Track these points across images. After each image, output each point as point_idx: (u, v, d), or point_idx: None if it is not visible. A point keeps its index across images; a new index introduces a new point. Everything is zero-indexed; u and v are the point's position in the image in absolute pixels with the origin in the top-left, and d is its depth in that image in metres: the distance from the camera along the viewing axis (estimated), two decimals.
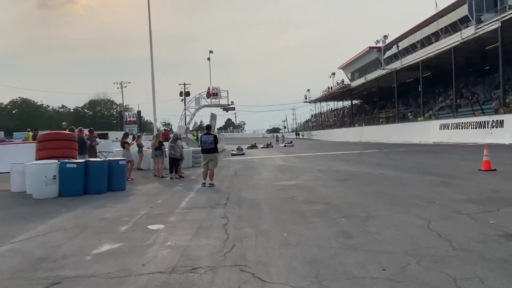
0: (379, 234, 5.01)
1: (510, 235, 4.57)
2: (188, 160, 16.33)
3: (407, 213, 6.18)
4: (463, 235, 4.70)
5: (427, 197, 7.49)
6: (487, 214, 5.76)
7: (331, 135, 60.21)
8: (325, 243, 4.69)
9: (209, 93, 26.21)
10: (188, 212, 7.14)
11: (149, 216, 6.82)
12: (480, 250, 4.11)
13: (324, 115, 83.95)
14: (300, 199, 8.03)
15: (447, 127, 31.57)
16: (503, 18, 25.93)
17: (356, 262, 3.99)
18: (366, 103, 66.25)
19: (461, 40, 31.18)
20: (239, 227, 5.72)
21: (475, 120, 28.26)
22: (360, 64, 57.22)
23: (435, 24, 36.56)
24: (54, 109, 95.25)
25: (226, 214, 6.73)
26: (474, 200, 6.86)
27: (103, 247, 4.99)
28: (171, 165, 12.63)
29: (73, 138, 10.97)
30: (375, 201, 7.31)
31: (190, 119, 26.61)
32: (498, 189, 7.85)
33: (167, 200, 8.61)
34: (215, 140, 10.53)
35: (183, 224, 6.16)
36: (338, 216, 6.18)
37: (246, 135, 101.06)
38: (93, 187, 9.43)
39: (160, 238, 5.33)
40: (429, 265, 3.77)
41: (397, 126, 41.09)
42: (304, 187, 9.83)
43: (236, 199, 8.45)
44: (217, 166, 10.91)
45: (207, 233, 5.45)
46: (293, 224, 5.77)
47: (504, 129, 24.74)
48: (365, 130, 48.95)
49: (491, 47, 30.75)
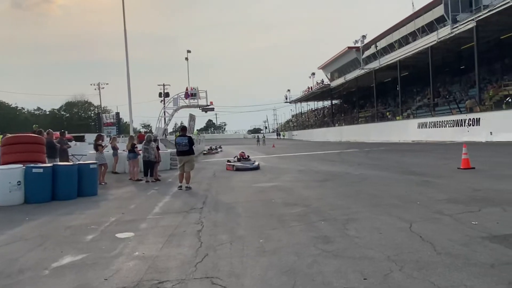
0: (360, 238, 4.78)
1: (494, 237, 4.41)
2: (166, 163, 15.90)
3: (388, 214, 5.99)
4: (446, 238, 4.51)
5: (408, 197, 7.35)
6: (469, 214, 5.61)
7: (312, 135, 60.43)
8: (304, 250, 4.42)
9: (187, 94, 25.73)
10: (161, 218, 6.77)
11: (119, 223, 6.43)
12: (464, 254, 3.92)
13: (304, 115, 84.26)
14: (279, 201, 7.77)
15: (425, 126, 31.98)
16: (478, 18, 26.39)
17: (336, 270, 3.74)
18: (345, 102, 66.80)
19: (438, 39, 31.66)
20: (213, 234, 5.40)
21: (452, 119, 28.70)
22: (339, 64, 57.58)
23: (412, 24, 37.04)
24: (30, 112, 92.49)
25: (201, 219, 6.40)
26: (456, 200, 6.73)
27: (65, 259, 4.59)
28: (146, 168, 12.19)
29: (41, 141, 10.41)
30: (355, 203, 7.11)
31: (168, 120, 26.07)
32: (478, 188, 7.77)
33: (140, 205, 8.20)
34: (189, 142, 10.17)
35: (155, 231, 5.79)
36: (318, 219, 5.94)
37: (227, 136, 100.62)
38: (62, 192, 8.93)
39: (128, 247, 4.96)
40: (412, 272, 3.54)
41: (377, 126, 41.49)
42: (284, 188, 9.59)
43: (213, 203, 8.12)
44: (193, 168, 10.56)
45: (179, 241, 5.11)
46: (271, 229, 5.49)
47: (481, 127, 25.18)
48: (345, 129, 49.28)
49: (466, 47, 31.33)
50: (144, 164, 12.29)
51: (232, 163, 15.19)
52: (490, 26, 27.39)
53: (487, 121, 24.81)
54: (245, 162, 15.39)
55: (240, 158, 15.85)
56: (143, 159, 12.22)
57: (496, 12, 24.82)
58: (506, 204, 6.05)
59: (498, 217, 5.34)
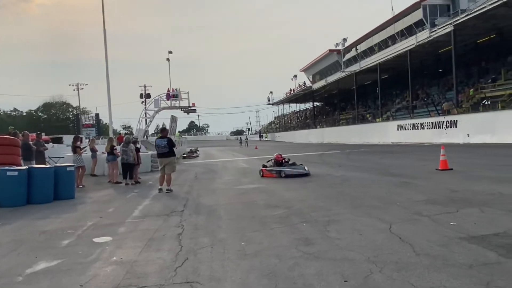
0: (341, 239, 4.79)
1: (472, 237, 4.47)
2: (147, 165, 15.68)
3: (368, 215, 6.02)
4: (425, 239, 4.56)
5: (388, 198, 7.42)
6: (447, 215, 5.69)
7: (294, 137, 60.75)
8: (285, 252, 4.39)
9: (168, 95, 25.44)
10: (141, 221, 6.64)
11: (96, 227, 6.28)
12: (443, 255, 3.96)
13: (287, 117, 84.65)
14: (261, 203, 7.74)
15: (404, 128, 32.53)
16: (456, 22, 27.02)
17: (317, 272, 3.72)
18: (327, 105, 67.44)
19: (417, 43, 32.27)
20: (194, 237, 5.33)
21: (431, 121, 29.28)
22: (321, 67, 58.06)
23: (392, 28, 37.64)
24: (6, 113, 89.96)
25: (182, 222, 6.31)
26: (434, 201, 6.83)
27: (39, 265, 4.45)
28: (124, 170, 11.99)
29: (16, 143, 10.11)
30: (337, 204, 7.14)
31: (149, 122, 25.74)
32: (456, 189, 7.90)
33: (119, 209, 8.04)
34: (169, 144, 10.03)
35: (134, 235, 5.67)
36: (299, 221, 5.93)
37: (209, 138, 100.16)
38: (37, 196, 8.69)
39: (106, 252, 4.84)
40: (392, 274, 3.55)
41: (357, 127, 42.00)
42: (266, 190, 9.57)
43: (194, 205, 8.03)
44: (174, 170, 10.43)
45: (159, 245, 5.01)
46: (252, 232, 5.44)
47: (458, 129, 25.76)
48: (327, 131, 49.71)
49: (444, 50, 32.05)
50: (122, 167, 12.08)
51: (277, 169, 12.12)
52: (467, 30, 28.11)
53: (464, 123, 25.40)
54: (295, 167, 12.27)
55: (282, 162, 12.57)
56: (121, 161, 12.00)
57: (473, 17, 25.47)
58: (483, 205, 6.17)
59: (475, 218, 5.43)
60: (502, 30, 28.91)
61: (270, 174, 12.09)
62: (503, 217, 5.35)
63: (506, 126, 21.64)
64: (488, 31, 29.81)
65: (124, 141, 12.39)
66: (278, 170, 12.00)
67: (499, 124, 22.40)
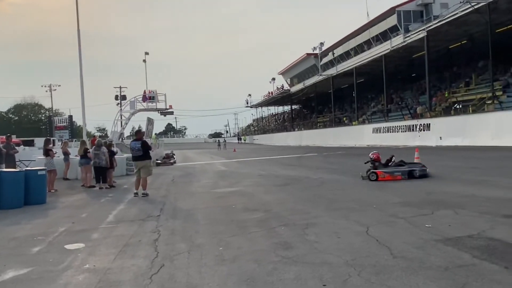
0: (319, 243, 4.79)
1: (447, 239, 4.55)
2: (122, 168, 15.34)
3: (346, 218, 6.06)
4: (401, 241, 4.61)
5: (364, 200, 7.49)
6: (423, 217, 5.78)
7: (272, 140, 60.93)
8: (264, 257, 4.35)
9: (145, 97, 24.98)
10: (115, 227, 6.46)
11: (68, 234, 6.07)
12: (419, 257, 4.00)
13: (265, 119, 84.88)
14: (240, 207, 7.68)
15: (379, 131, 33.13)
16: (429, 28, 27.76)
17: (296, 277, 3.69)
18: (305, 108, 68.01)
19: (391, 48, 32.97)
20: (171, 243, 5.21)
21: (405, 124, 29.92)
22: (298, 70, 58.58)
23: (367, 33, 38.38)
24: None
25: (158, 227, 6.17)
26: (410, 203, 6.93)
27: (8, 273, 4.26)
28: (97, 174, 11.68)
29: None
30: (315, 207, 7.16)
31: (125, 124, 25.22)
32: (430, 191, 8.06)
33: (92, 214, 7.80)
34: (143, 146, 9.81)
35: (107, 241, 5.50)
36: (278, 224, 5.90)
37: (187, 140, 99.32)
38: (7, 201, 8.34)
39: (78, 259, 4.67)
40: (370, 277, 3.56)
41: (334, 130, 42.51)
42: (245, 193, 9.52)
43: (171, 209, 7.89)
44: (151, 174, 10.22)
45: (134, 252, 4.88)
46: (230, 236, 5.37)
47: (431, 132, 26.43)
48: (305, 134, 50.10)
49: (418, 55, 32.81)
50: (95, 170, 11.77)
51: (406, 169, 10.35)
52: (440, 36, 28.90)
53: (436, 126, 26.08)
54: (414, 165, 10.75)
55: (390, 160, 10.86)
56: (93, 165, 11.69)
57: (446, 23, 26.23)
58: (457, 207, 6.30)
59: (450, 219, 5.54)
60: (473, 36, 29.85)
61: (391, 177, 10.19)
62: (476, 219, 5.47)
63: (477, 129, 22.34)
64: (460, 37, 30.73)
65: (96, 144, 12.07)
66: (407, 171, 10.25)
67: (470, 127, 23.11)
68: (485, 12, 23.15)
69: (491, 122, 21.72)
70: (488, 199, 6.85)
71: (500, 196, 7.04)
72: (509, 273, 3.45)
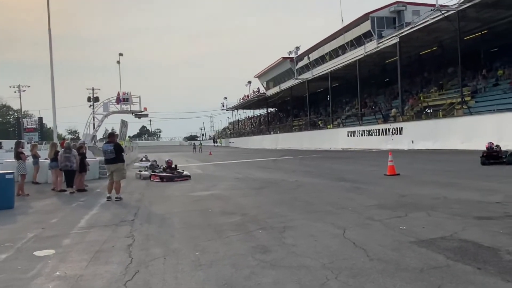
0: (297, 246, 4.78)
1: (421, 241, 4.63)
2: (95, 171, 14.95)
3: (323, 221, 6.09)
4: (377, 243, 4.66)
5: (340, 203, 7.56)
6: (397, 219, 5.88)
7: (248, 143, 60.93)
8: (241, 261, 4.30)
9: (118, 99, 24.55)
10: (87, 232, 6.26)
11: (38, 240, 5.83)
12: (395, 259, 4.05)
13: (241, 122, 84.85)
14: (217, 210, 7.60)
15: (353, 134, 33.70)
16: (401, 34, 28.51)
17: (274, 281, 3.66)
18: (280, 111, 68.45)
19: (365, 53, 33.65)
20: (146, 248, 5.08)
21: (378, 128, 30.55)
22: (274, 74, 58.90)
23: (342, 38, 39.00)
24: None
25: (133, 232, 6.02)
26: (384, 206, 7.05)
27: None
28: (68, 178, 11.33)
29: None
30: (292, 210, 7.17)
31: (97, 126, 24.64)
32: (404, 194, 8.23)
33: (63, 219, 7.54)
34: (116, 149, 9.58)
35: (79, 247, 5.32)
36: (255, 228, 5.87)
37: (162, 143, 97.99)
38: None
39: (48, 266, 4.49)
40: (348, 280, 3.58)
41: (310, 134, 42.94)
42: (221, 197, 9.44)
43: (146, 214, 7.72)
44: (124, 177, 9.99)
45: (107, 258, 4.73)
46: (207, 241, 5.29)
47: (403, 135, 27.07)
48: (280, 137, 50.35)
49: (390, 61, 33.66)
50: (65, 174, 11.41)
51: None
52: (412, 42, 29.75)
53: (408, 130, 26.75)
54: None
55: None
56: (63, 169, 11.34)
57: (417, 30, 27.02)
58: (430, 209, 6.45)
59: (423, 221, 5.66)
60: (443, 43, 30.91)
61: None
62: (448, 221, 5.61)
63: (447, 133, 23.06)
64: (430, 44, 31.74)
65: (65, 146, 11.70)
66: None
67: (440, 131, 23.83)
68: (454, 20, 24.00)
69: (460, 126, 22.47)
70: (459, 201, 7.04)
71: (470, 198, 7.26)
72: (482, 274, 3.53)
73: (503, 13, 24.18)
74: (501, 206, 6.41)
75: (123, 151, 9.91)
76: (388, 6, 33.55)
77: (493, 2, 22.13)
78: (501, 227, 5.11)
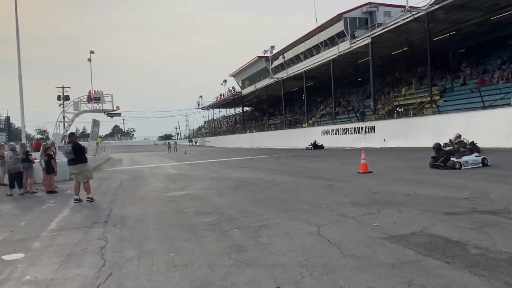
0: (272, 245, 4.81)
1: (393, 237, 4.76)
2: (65, 173, 14.53)
3: (298, 219, 6.15)
4: (351, 240, 4.75)
5: (315, 201, 7.66)
6: (370, 216, 6.01)
7: (224, 142, 60.79)
8: (217, 261, 4.30)
9: (90, 97, 23.97)
10: (58, 235, 6.09)
11: (6, 243, 5.64)
12: (368, 255, 4.15)
13: (217, 121, 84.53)
14: (192, 210, 7.54)
15: (328, 133, 34.17)
16: (373, 34, 29.09)
17: (250, 280, 3.68)
18: (256, 110, 68.61)
19: (338, 53, 34.16)
20: (119, 250, 5.00)
21: (352, 126, 31.09)
22: (250, 73, 58.96)
23: (316, 38, 39.46)
24: None
25: (105, 234, 5.90)
26: (357, 203, 7.19)
27: None
28: (18, 179, 11.12)
29: None
30: (267, 209, 7.20)
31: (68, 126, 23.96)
32: (376, 191, 8.41)
33: (32, 222, 7.31)
34: (74, 149, 9.30)
35: (50, 250, 5.17)
36: (231, 227, 5.86)
37: (135, 143, 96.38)
38: None
39: (17, 271, 4.35)
40: (322, 277, 3.63)
41: (285, 132, 43.22)
42: (196, 197, 9.37)
43: (119, 215, 7.57)
44: (91, 177, 9.69)
45: (79, 261, 4.62)
46: (182, 241, 5.25)
47: (376, 134, 27.66)
48: (256, 136, 50.47)
49: (363, 61, 34.32)
50: (15, 176, 11.11)
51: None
52: (383, 43, 30.40)
53: (380, 129, 27.36)
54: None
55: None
56: (13, 171, 11.04)
57: (388, 30, 27.63)
58: (401, 206, 6.63)
59: (395, 218, 5.81)
60: (414, 44, 31.73)
61: None
62: (419, 217, 5.77)
63: (417, 131, 23.71)
64: (401, 44, 32.53)
65: (11, 148, 11.46)
66: None
67: (411, 129, 24.49)
68: (424, 21, 24.68)
69: (429, 125, 23.14)
70: (428, 198, 7.26)
71: (439, 195, 7.50)
72: (451, 268, 3.66)
73: (470, 15, 25.05)
74: (468, 202, 6.65)
75: (83, 151, 9.56)
76: (360, 6, 34.19)
77: (460, 4, 22.89)
78: (468, 222, 5.30)
